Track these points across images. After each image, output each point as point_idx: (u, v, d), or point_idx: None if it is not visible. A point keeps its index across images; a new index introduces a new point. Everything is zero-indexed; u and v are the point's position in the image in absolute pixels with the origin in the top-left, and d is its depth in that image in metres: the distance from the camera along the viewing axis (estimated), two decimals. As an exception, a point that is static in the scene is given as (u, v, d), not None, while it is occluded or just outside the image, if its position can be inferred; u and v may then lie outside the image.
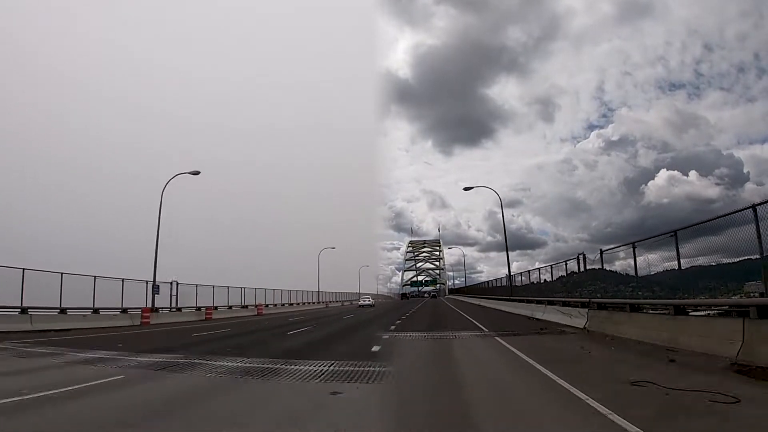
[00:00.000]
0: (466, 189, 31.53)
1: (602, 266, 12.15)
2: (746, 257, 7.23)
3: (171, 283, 26.40)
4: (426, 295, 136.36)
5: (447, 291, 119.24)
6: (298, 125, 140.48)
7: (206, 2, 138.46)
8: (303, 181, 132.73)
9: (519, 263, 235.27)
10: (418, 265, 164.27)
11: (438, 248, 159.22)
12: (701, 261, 8.61)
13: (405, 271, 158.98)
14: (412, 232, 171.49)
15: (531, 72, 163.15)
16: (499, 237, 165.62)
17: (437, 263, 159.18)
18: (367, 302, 48.61)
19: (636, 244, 11.16)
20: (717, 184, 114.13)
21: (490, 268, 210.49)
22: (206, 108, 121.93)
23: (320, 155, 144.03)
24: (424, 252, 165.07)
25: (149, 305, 23.47)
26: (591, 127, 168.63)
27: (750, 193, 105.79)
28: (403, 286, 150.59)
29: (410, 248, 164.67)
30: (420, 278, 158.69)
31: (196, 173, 26.83)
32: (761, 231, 6.63)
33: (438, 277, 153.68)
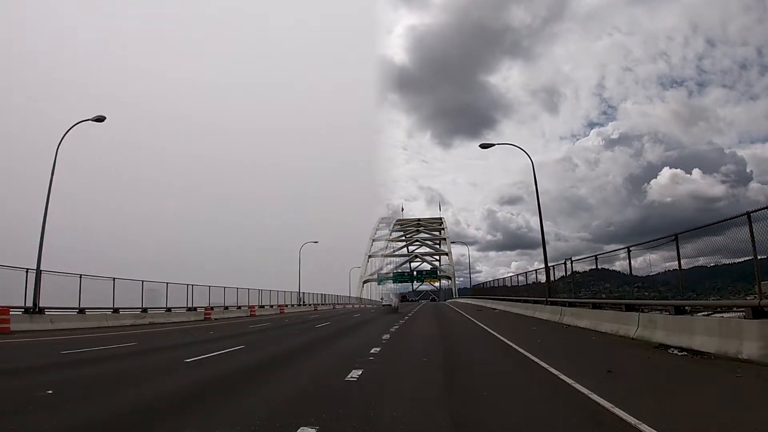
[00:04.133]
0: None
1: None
2: (751, 257, 7.15)
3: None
4: (416, 299, 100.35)
5: (455, 292, 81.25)
6: (294, 126, 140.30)
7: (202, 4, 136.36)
8: (299, 182, 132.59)
9: (518, 263, 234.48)
10: (412, 250, 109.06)
11: (439, 228, 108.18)
12: (702, 261, 8.56)
13: (386, 256, 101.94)
14: (402, 211, 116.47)
15: (536, 57, 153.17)
16: (499, 236, 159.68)
17: (436, 246, 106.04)
18: (388, 302, 64.77)
19: (633, 245, 11.13)
20: (723, 181, 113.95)
21: (489, 268, 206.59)
22: (203, 108, 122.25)
23: (316, 156, 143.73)
24: (416, 232, 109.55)
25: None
26: (591, 125, 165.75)
27: (755, 192, 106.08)
28: (381, 281, 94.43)
29: (397, 228, 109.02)
30: (404, 268, 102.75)
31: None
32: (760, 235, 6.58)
33: (439, 268, 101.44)
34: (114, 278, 20.55)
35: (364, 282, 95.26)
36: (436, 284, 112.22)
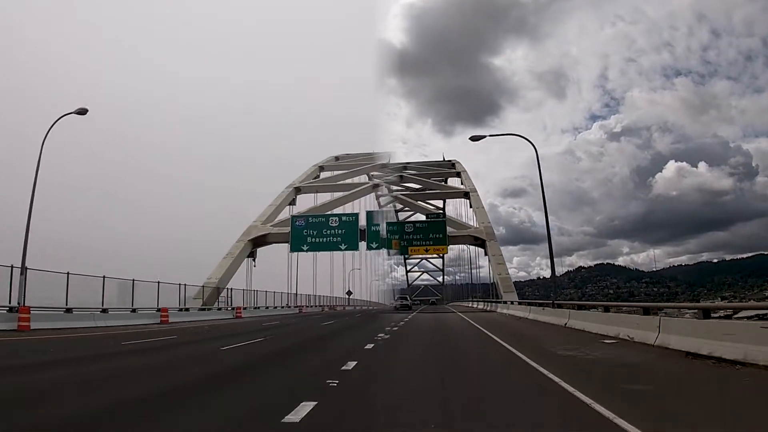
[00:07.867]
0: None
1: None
2: (758, 252, 6.97)
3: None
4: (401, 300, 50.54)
5: (499, 287, 32.69)
6: (289, 119, 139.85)
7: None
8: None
9: (520, 258, 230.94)
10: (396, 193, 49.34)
11: (449, 168, 50.00)
12: (705, 257, 8.33)
13: (337, 189, 42.66)
14: (389, 163, 51.70)
15: (542, 37, 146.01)
16: (503, 230, 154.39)
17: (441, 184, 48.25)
18: (400, 303, 57.36)
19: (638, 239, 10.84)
20: (730, 174, 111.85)
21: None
22: (201, 106, 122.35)
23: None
24: (404, 169, 50.26)
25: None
26: (593, 117, 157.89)
27: (762, 186, 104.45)
28: (298, 242, 33.32)
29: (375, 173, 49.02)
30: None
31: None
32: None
33: (437, 218, 37.82)
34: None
35: (255, 240, 36.84)
36: (439, 282, 78.78)
